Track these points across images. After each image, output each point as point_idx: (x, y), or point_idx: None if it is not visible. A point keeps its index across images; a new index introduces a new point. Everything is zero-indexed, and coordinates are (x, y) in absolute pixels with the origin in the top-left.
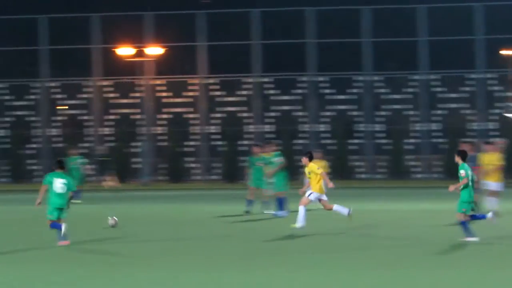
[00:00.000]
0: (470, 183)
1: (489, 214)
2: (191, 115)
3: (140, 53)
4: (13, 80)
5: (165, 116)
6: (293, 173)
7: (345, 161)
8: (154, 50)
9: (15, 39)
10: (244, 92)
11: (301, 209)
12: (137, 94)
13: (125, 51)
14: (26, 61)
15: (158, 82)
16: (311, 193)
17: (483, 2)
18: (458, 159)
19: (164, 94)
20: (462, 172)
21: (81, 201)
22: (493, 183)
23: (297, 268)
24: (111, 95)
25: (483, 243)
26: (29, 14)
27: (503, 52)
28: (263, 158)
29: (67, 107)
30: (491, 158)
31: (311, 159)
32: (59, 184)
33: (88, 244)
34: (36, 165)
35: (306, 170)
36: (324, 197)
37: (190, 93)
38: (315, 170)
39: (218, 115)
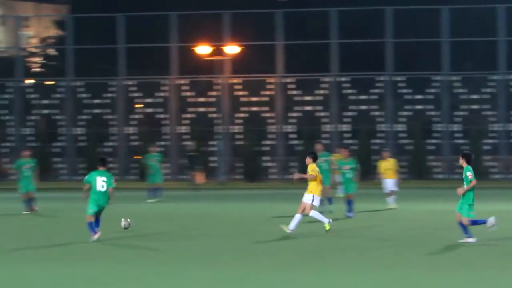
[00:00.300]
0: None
1: (490, 219)
2: (267, 114)
3: (217, 52)
4: (90, 78)
5: (241, 115)
6: (370, 172)
7: (423, 161)
8: (231, 49)
9: (93, 38)
10: (321, 91)
11: (298, 216)
12: (214, 93)
13: (202, 49)
14: (104, 59)
15: (235, 80)
16: (313, 199)
17: None
18: (462, 162)
19: (241, 93)
20: (469, 174)
21: (161, 199)
22: None
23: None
24: (188, 93)
25: (486, 244)
26: (108, 12)
27: None
28: (324, 154)
29: (143, 106)
30: None
31: (315, 159)
32: (100, 182)
33: (156, 241)
34: (113, 163)
35: (308, 169)
36: (317, 201)
37: (267, 92)
38: (314, 171)
39: (295, 114)
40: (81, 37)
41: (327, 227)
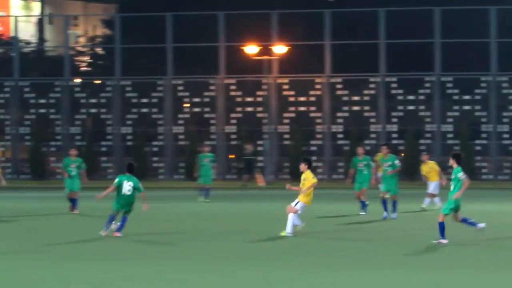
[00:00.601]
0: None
1: (481, 225)
2: (315, 114)
3: (265, 51)
4: (138, 78)
5: (289, 114)
6: (416, 173)
7: (470, 162)
8: (279, 49)
9: (141, 37)
10: (369, 92)
11: (290, 217)
12: (261, 93)
13: (250, 49)
14: (152, 59)
15: (282, 80)
16: (297, 202)
17: None
18: (453, 162)
19: (288, 92)
20: (461, 175)
21: (209, 200)
22: None
23: None
24: (236, 93)
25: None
26: (156, 11)
27: None
28: (365, 158)
29: (190, 105)
30: None
31: (309, 166)
32: (127, 186)
33: (202, 241)
34: (159, 162)
35: (302, 176)
36: (299, 206)
37: (315, 92)
38: (309, 178)
39: (343, 114)
40: (129, 36)
41: (283, 233)
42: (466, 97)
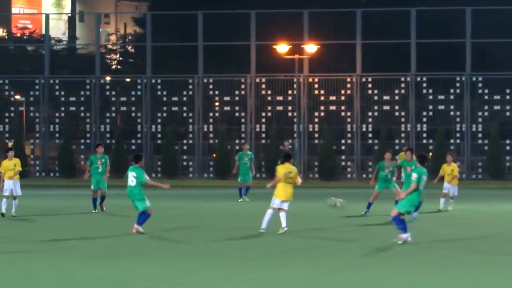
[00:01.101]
0: (420, 188)
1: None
2: (345, 113)
3: (296, 50)
4: (169, 76)
5: (319, 113)
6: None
7: (500, 162)
8: (310, 48)
9: (172, 35)
10: (399, 91)
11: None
12: (292, 91)
13: (281, 48)
14: (183, 57)
15: (313, 79)
16: (273, 200)
17: None
18: (417, 162)
19: (319, 91)
20: (414, 176)
21: (248, 199)
22: None
23: None
24: (266, 91)
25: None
26: (187, 10)
27: None
28: (391, 164)
29: (220, 103)
30: None
31: (286, 160)
32: (131, 177)
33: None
34: (189, 160)
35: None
36: (285, 205)
37: (345, 91)
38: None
39: (372, 113)
40: (160, 34)
41: (260, 230)
42: (497, 97)
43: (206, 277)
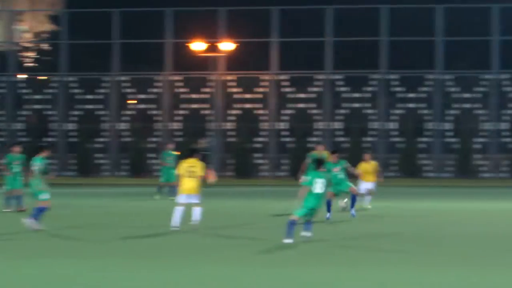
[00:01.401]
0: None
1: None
2: (260, 111)
3: (211, 48)
4: (84, 74)
5: (234, 111)
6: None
7: (413, 160)
8: (226, 46)
9: (87, 33)
10: (315, 89)
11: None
12: (207, 89)
13: (196, 46)
14: (98, 55)
15: (229, 77)
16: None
17: None
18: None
19: (234, 89)
20: (303, 179)
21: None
22: None
23: None
24: (181, 90)
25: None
26: (102, 8)
27: None
28: (340, 162)
29: (136, 102)
30: None
31: (190, 156)
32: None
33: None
34: (104, 159)
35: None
36: (194, 199)
37: (261, 89)
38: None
39: (288, 111)
40: (76, 32)
41: (171, 227)
42: (411, 95)
43: (109, 276)
